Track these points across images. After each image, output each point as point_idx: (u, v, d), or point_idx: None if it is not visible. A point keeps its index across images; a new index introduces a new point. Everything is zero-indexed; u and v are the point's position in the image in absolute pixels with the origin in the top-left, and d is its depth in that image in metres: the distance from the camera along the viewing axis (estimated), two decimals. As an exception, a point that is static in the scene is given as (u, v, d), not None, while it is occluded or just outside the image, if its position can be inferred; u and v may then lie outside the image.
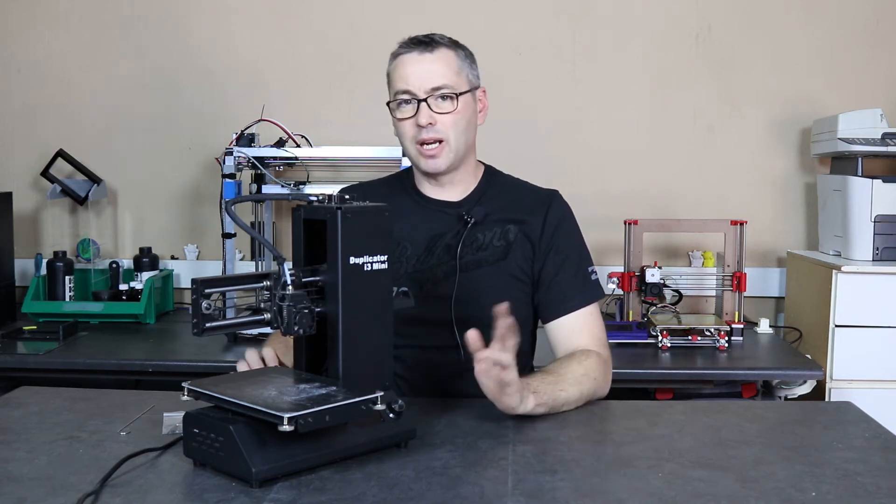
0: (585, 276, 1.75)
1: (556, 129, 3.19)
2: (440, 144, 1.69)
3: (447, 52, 1.69)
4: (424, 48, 1.68)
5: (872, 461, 1.34)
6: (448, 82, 1.67)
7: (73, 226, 3.32)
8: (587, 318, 1.72)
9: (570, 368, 1.61)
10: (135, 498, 1.18)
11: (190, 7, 3.23)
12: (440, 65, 1.67)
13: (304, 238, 1.39)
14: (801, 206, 3.20)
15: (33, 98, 3.29)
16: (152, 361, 2.51)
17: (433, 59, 1.67)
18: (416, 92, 1.67)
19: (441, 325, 1.68)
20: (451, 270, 1.69)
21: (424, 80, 1.66)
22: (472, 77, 1.73)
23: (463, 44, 1.75)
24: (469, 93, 1.71)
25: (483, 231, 1.74)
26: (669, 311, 2.84)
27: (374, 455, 1.32)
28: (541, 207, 1.77)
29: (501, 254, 1.73)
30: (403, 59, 1.68)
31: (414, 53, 1.68)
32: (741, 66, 3.16)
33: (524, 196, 1.80)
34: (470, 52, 1.75)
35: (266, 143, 2.89)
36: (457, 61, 1.70)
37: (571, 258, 1.75)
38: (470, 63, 1.74)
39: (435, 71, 1.67)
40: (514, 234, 1.74)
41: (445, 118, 1.68)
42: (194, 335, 1.27)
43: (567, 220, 1.79)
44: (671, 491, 1.22)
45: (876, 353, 2.65)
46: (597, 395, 1.65)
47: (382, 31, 1.88)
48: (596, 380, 1.63)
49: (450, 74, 1.68)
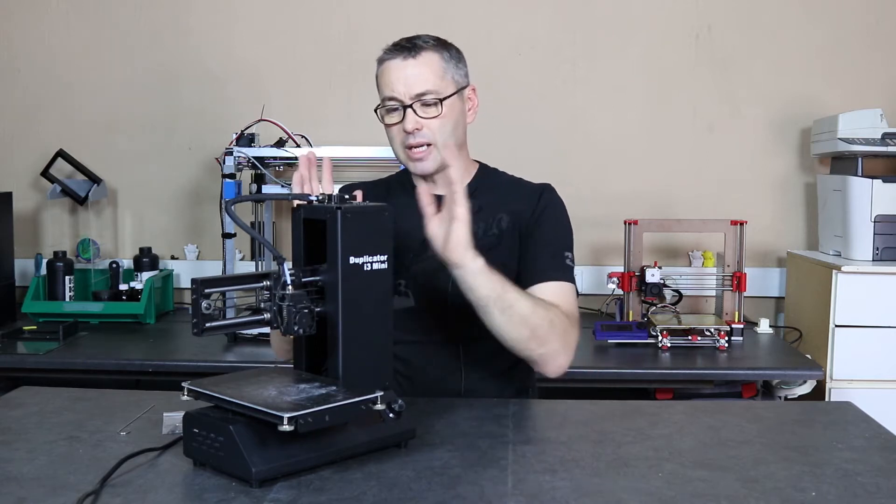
0: (561, 259, 1.74)
1: (556, 129, 3.19)
2: (427, 147, 1.70)
3: (431, 55, 1.68)
4: (408, 53, 1.67)
5: (872, 461, 1.34)
6: (432, 87, 1.67)
7: (73, 226, 3.32)
8: (557, 289, 1.69)
9: (530, 294, 1.62)
10: (135, 498, 1.18)
11: (190, 7, 3.23)
12: (423, 70, 1.67)
13: (304, 238, 1.39)
14: (801, 206, 3.20)
15: (33, 98, 3.29)
16: (152, 361, 2.50)
17: (416, 64, 1.67)
18: (402, 98, 1.67)
19: (438, 319, 1.68)
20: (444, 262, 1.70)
21: (409, 87, 1.66)
22: (458, 77, 1.72)
23: (450, 42, 1.74)
24: (455, 94, 1.70)
25: (476, 222, 1.74)
26: (669, 311, 2.84)
27: (374, 455, 1.32)
28: (533, 197, 1.79)
29: (493, 242, 1.74)
30: (388, 66, 1.69)
31: (398, 59, 1.68)
32: (741, 66, 3.16)
33: (517, 189, 1.81)
34: (457, 52, 1.74)
35: (266, 143, 2.89)
36: (441, 64, 1.69)
37: (551, 242, 1.74)
38: (456, 63, 1.72)
39: (418, 76, 1.66)
40: (506, 222, 1.75)
41: (431, 123, 1.68)
42: (194, 335, 1.27)
43: (554, 207, 1.79)
44: (671, 491, 1.22)
45: (876, 353, 2.65)
46: (548, 343, 1.59)
47: (382, 31, 1.88)
48: (553, 322, 1.58)
49: (433, 79, 1.67)
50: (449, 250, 1.45)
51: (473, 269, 1.48)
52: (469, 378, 1.73)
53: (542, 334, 1.57)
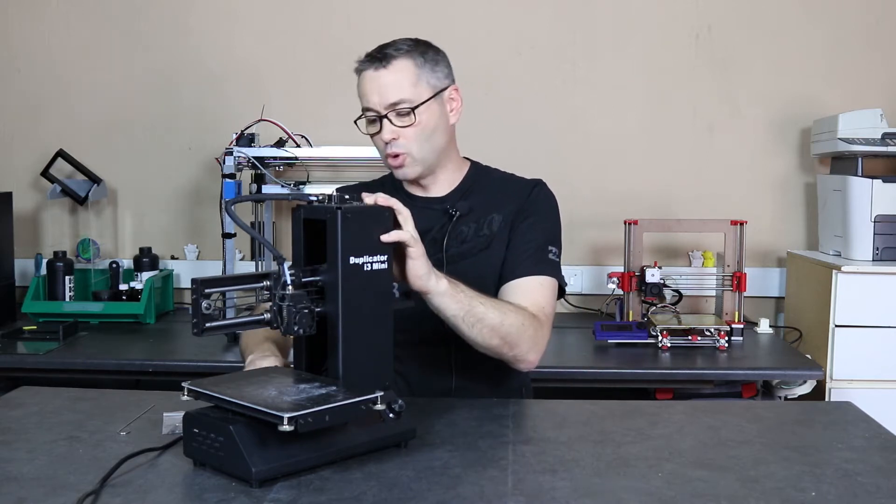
0: (543, 253, 1.73)
1: (555, 129, 3.19)
2: (405, 156, 1.70)
3: (403, 62, 1.67)
4: (379, 63, 1.67)
5: (872, 461, 1.34)
6: (404, 96, 1.66)
7: (73, 226, 3.32)
8: (534, 285, 1.70)
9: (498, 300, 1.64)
10: (135, 498, 1.18)
11: (190, 7, 3.23)
12: (395, 78, 1.66)
13: (304, 238, 1.39)
14: (801, 206, 3.20)
15: (33, 98, 3.28)
16: (152, 361, 2.51)
17: (387, 73, 1.66)
18: (377, 108, 1.68)
19: (430, 318, 1.68)
20: (436, 264, 1.70)
21: (382, 97, 1.67)
22: (434, 81, 1.70)
23: (428, 43, 1.72)
24: (432, 99, 1.69)
25: (468, 223, 1.76)
26: (669, 311, 2.84)
27: (374, 455, 1.32)
28: (524, 193, 1.79)
29: (484, 244, 1.74)
30: (363, 76, 1.69)
31: (370, 70, 1.68)
32: (741, 66, 3.15)
33: (509, 187, 1.81)
34: (434, 53, 1.72)
35: (266, 143, 2.89)
36: (414, 71, 1.67)
37: (536, 236, 1.74)
38: (432, 67, 1.70)
39: (390, 85, 1.66)
40: (497, 223, 1.76)
41: (406, 132, 1.68)
42: (194, 335, 1.27)
43: (543, 201, 1.79)
44: (671, 491, 1.22)
45: (876, 353, 2.65)
46: (518, 347, 1.61)
47: (382, 31, 1.88)
48: (523, 325, 1.60)
49: (406, 87, 1.66)
50: (411, 283, 1.47)
51: (439, 291, 1.50)
52: (460, 378, 1.73)
53: (513, 340, 1.60)
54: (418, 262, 1.45)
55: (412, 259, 1.45)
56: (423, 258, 1.46)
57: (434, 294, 1.50)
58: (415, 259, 1.45)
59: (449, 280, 1.52)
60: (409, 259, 1.45)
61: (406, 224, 1.44)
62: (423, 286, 1.48)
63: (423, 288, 1.48)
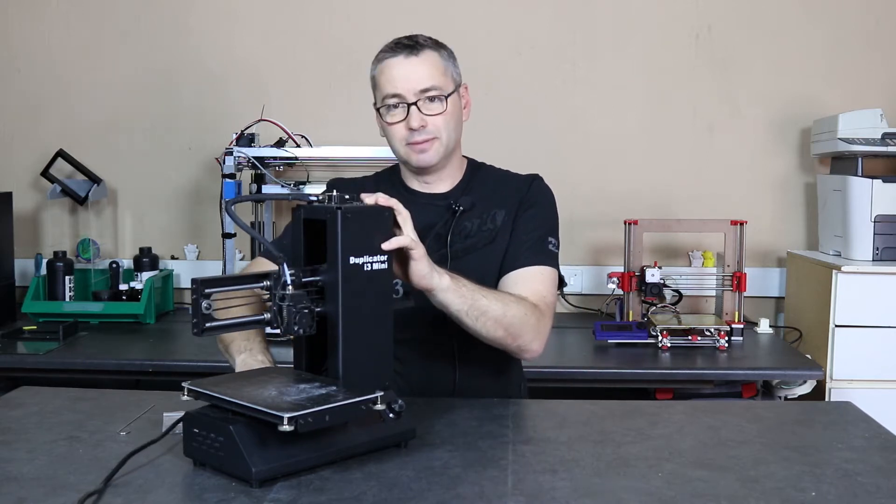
0: (543, 244, 1.75)
1: (556, 129, 3.19)
2: (432, 140, 1.71)
3: (432, 53, 1.70)
4: (410, 51, 1.68)
5: (872, 461, 1.34)
6: (436, 83, 1.68)
7: (73, 226, 3.32)
8: (534, 274, 1.71)
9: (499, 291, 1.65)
10: (135, 498, 1.18)
11: (190, 7, 3.23)
12: (427, 67, 1.68)
13: (304, 238, 1.39)
14: (801, 206, 3.20)
15: (33, 98, 3.28)
16: (152, 361, 2.50)
17: (419, 61, 1.68)
18: (406, 95, 1.68)
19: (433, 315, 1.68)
20: (441, 259, 1.70)
21: (413, 83, 1.67)
22: (455, 76, 1.75)
23: (443, 43, 1.75)
24: (455, 92, 1.73)
25: (471, 219, 1.76)
26: (669, 311, 2.84)
27: (374, 455, 1.32)
28: (523, 188, 1.80)
29: (489, 238, 1.75)
30: (390, 63, 1.69)
31: (400, 57, 1.68)
32: (741, 66, 3.15)
33: (508, 183, 1.83)
34: (451, 51, 1.76)
35: (266, 143, 2.89)
36: (442, 62, 1.71)
37: (535, 228, 1.76)
38: (453, 62, 1.75)
39: (422, 73, 1.68)
40: (500, 218, 1.77)
41: (436, 119, 1.69)
42: (194, 335, 1.27)
43: (541, 195, 1.80)
44: (671, 491, 1.22)
45: (876, 353, 2.65)
46: (522, 337, 1.62)
47: (382, 31, 1.88)
48: (525, 315, 1.62)
49: (437, 76, 1.69)
50: (414, 283, 1.48)
51: (442, 287, 1.51)
52: (462, 375, 1.73)
53: (516, 330, 1.61)
54: (420, 263, 1.46)
55: (414, 260, 1.45)
56: (425, 258, 1.47)
57: (437, 291, 1.50)
58: (417, 260, 1.45)
59: (451, 275, 1.53)
60: (412, 260, 1.45)
61: (405, 225, 1.44)
62: (426, 285, 1.48)
63: (427, 286, 1.49)
